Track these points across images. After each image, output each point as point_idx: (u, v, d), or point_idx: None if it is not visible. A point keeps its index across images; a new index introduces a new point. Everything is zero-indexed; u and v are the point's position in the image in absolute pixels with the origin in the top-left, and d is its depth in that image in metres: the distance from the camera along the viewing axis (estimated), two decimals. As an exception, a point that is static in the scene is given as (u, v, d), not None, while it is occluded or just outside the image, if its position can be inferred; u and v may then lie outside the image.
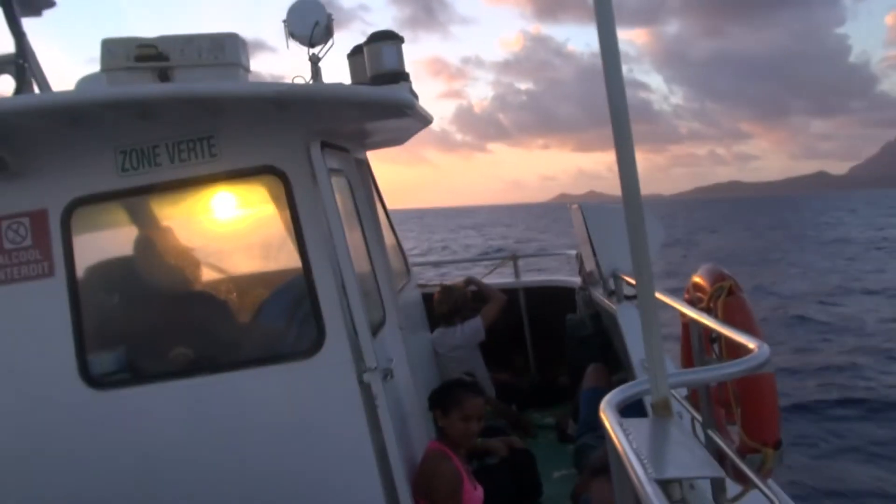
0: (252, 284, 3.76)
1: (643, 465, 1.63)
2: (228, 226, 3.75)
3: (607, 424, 2.00)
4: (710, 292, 3.18)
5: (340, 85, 3.38)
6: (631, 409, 2.10)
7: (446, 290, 6.46)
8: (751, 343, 2.48)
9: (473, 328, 6.16)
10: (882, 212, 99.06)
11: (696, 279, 3.47)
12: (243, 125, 3.45)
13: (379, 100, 3.26)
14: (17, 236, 3.54)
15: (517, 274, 7.70)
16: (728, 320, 2.94)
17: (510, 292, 6.91)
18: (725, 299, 3.03)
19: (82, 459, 3.47)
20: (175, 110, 3.31)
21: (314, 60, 4.07)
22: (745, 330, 2.78)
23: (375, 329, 3.85)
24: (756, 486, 2.47)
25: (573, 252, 7.25)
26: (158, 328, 3.73)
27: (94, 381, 3.50)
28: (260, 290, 3.75)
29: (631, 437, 1.84)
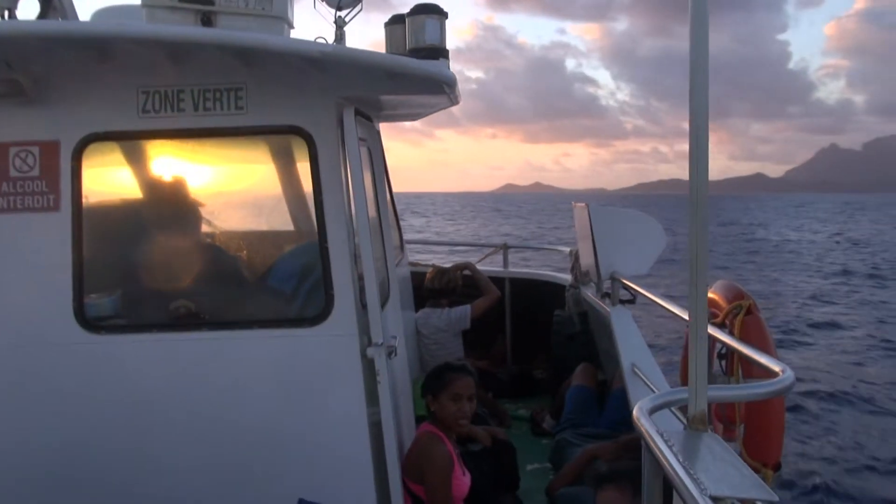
0: (264, 244, 3.67)
1: (695, 480, 1.62)
2: (246, 182, 3.66)
3: (644, 432, 1.98)
4: (727, 310, 3.21)
5: (385, 54, 3.31)
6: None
7: (440, 271, 6.42)
8: (775, 366, 2.49)
9: (460, 314, 6.14)
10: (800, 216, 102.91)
11: (711, 295, 3.50)
12: (276, 81, 3.36)
13: (424, 74, 3.19)
14: (24, 165, 3.41)
15: (505, 263, 7.70)
16: (745, 339, 2.97)
17: (496, 281, 6.91)
18: (744, 318, 3.06)
19: (71, 401, 3.39)
20: (210, 57, 3.21)
21: (340, 24, 3.97)
22: (763, 350, 2.81)
23: (382, 304, 3.82)
24: None
25: (567, 249, 7.26)
26: (161, 277, 3.64)
27: (89, 323, 3.40)
28: (271, 251, 3.67)
29: (674, 448, 1.83)
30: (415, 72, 3.17)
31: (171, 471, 3.41)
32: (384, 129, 5.29)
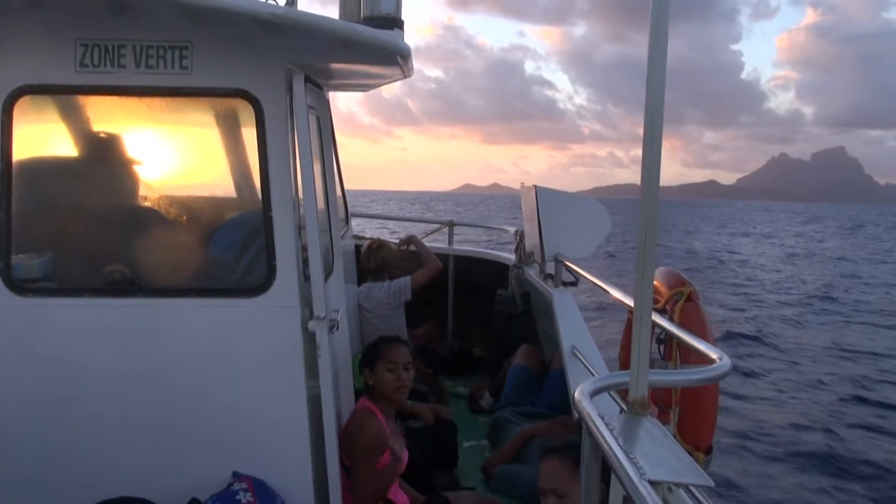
0: (204, 210, 3.54)
1: (635, 464, 1.64)
2: (187, 145, 3.52)
3: (586, 415, 1.99)
4: (668, 296, 3.26)
5: (340, 21, 3.21)
6: None
7: (380, 244, 6.36)
8: (712, 353, 2.54)
9: (400, 286, 6.10)
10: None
11: (655, 281, 3.55)
12: (223, 42, 3.23)
13: (379, 43, 3.11)
14: None
15: (450, 240, 7.69)
16: (685, 325, 3.03)
17: (441, 258, 6.90)
18: (684, 304, 3.12)
19: None
20: (155, 11, 3.06)
21: (293, -12, 3.85)
22: (701, 337, 2.87)
23: (325, 277, 3.75)
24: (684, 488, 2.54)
25: (512, 228, 7.30)
26: (94, 240, 3.48)
27: (16, 285, 3.24)
28: (212, 218, 3.54)
29: (615, 431, 1.84)
30: (370, 41, 3.08)
31: (99, 441, 3.30)
32: (341, 116, 5.18)
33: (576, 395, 2.15)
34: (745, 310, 23.70)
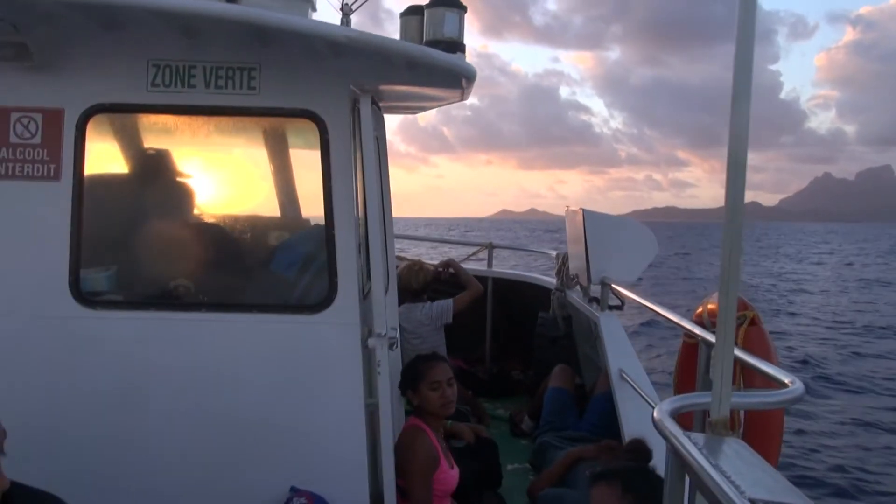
0: (268, 227, 3.62)
1: (732, 484, 1.63)
2: (253, 164, 3.60)
3: (669, 433, 1.99)
4: (730, 319, 3.24)
5: (411, 43, 3.28)
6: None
7: (420, 266, 6.40)
8: (784, 377, 2.53)
9: (442, 308, 6.12)
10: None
11: (712, 305, 3.54)
12: (292, 63, 3.31)
13: (447, 66, 3.17)
14: (26, 131, 3.32)
15: (490, 263, 7.71)
16: (749, 349, 3.01)
17: (480, 280, 6.91)
18: (747, 328, 3.11)
19: (63, 376, 3.30)
20: (225, 33, 3.15)
21: (347, 11, 3.94)
22: (766, 360, 2.85)
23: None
24: None
25: (553, 252, 7.30)
26: (161, 255, 3.56)
27: (84, 297, 3.32)
28: (276, 235, 3.62)
29: (704, 452, 1.83)
30: (438, 63, 3.15)
31: (161, 452, 3.35)
32: None
33: (655, 413, 2.14)
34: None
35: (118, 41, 3.28)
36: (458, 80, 3.36)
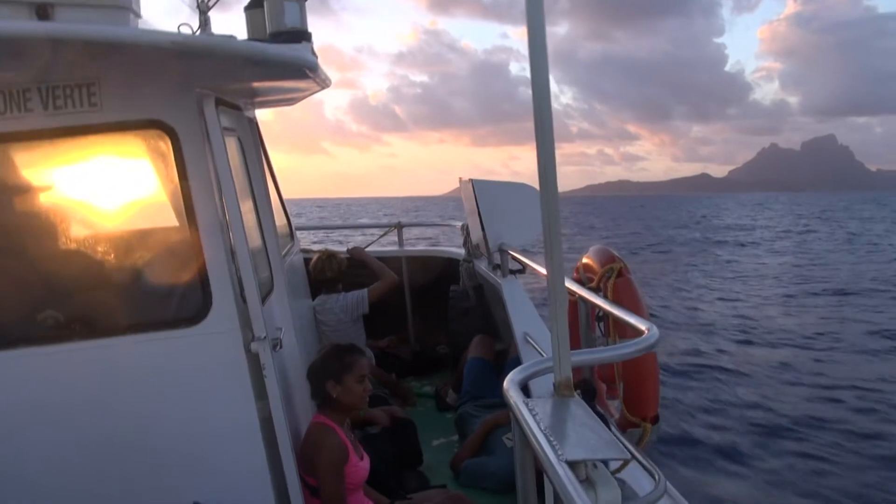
0: (132, 245, 3.50)
1: (552, 447, 1.68)
2: (107, 182, 3.46)
3: (512, 403, 2.03)
4: (601, 273, 3.32)
5: (242, 41, 3.19)
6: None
7: (330, 256, 6.34)
8: (641, 325, 2.60)
9: (357, 298, 6.09)
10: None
11: (586, 260, 3.61)
12: (130, 75, 3.19)
13: (283, 59, 3.10)
14: None
15: (401, 242, 7.71)
16: (617, 301, 3.08)
17: (393, 260, 6.90)
18: (615, 281, 3.17)
19: None
20: (53, 53, 3.01)
21: (203, 9, 3.82)
22: (633, 311, 2.92)
23: (264, 296, 3.73)
24: (635, 459, 2.61)
25: (458, 224, 7.33)
26: (23, 289, 3.42)
27: None
28: (141, 252, 3.50)
29: (538, 416, 1.88)
30: (274, 58, 3.08)
31: (48, 492, 3.25)
32: (328, 126, 5.14)
33: (504, 385, 2.19)
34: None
35: None
36: (300, 71, 3.30)
